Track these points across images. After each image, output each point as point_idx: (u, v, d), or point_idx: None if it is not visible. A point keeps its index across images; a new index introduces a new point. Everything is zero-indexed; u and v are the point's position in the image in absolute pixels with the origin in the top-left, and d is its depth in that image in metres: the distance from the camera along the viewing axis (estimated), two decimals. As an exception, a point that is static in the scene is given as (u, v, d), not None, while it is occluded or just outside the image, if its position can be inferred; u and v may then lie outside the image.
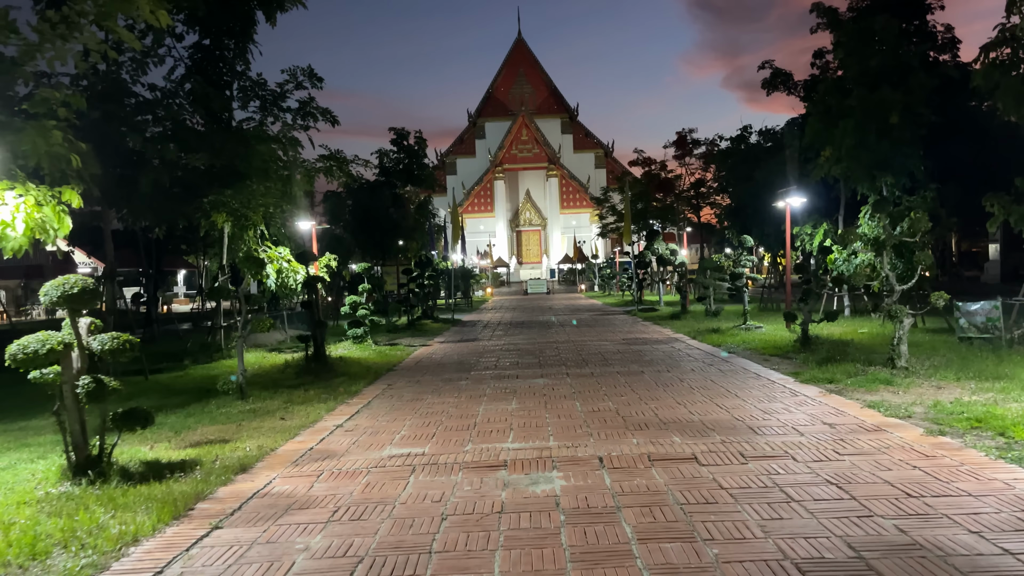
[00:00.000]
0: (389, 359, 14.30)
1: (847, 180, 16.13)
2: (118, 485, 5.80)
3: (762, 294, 25.12)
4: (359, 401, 9.68)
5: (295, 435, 7.72)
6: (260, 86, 16.50)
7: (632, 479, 5.60)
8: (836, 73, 33.04)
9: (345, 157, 17.43)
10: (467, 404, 9.12)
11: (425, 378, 11.59)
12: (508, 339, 17.80)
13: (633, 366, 11.97)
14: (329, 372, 12.22)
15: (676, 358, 12.81)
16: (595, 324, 21.37)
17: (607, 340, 16.47)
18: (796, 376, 10.14)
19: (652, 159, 34.84)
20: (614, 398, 9.08)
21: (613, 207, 44.53)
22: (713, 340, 15.19)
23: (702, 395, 9.05)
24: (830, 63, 32.57)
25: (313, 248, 16.59)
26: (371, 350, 15.83)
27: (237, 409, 9.22)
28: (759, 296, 25.84)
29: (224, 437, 7.71)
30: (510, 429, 7.53)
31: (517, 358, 13.76)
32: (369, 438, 7.45)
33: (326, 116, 16.75)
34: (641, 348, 14.59)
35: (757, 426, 7.22)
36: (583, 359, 13.15)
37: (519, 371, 11.94)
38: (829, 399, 8.47)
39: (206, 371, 13.42)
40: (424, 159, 25.14)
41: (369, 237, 23.34)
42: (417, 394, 10.06)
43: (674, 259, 24.41)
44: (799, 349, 12.79)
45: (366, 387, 10.86)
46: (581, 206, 73.63)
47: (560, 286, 62.43)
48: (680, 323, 19.62)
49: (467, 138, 79.64)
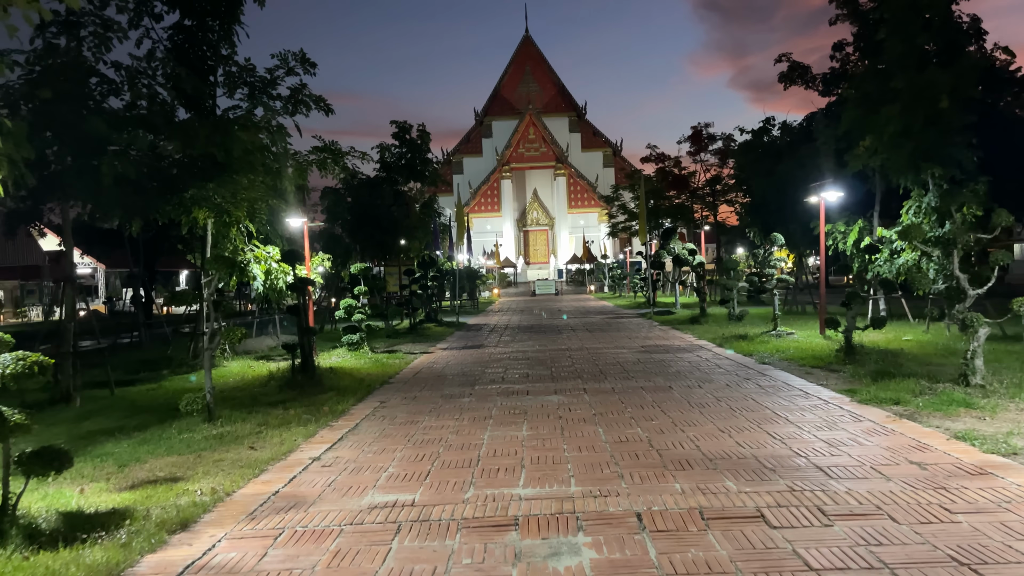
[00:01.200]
0: (385, 369, 12.96)
1: (887, 172, 14.70)
2: (15, 552, 4.47)
3: (785, 296, 23.65)
4: (345, 424, 8.34)
5: (261, 471, 6.38)
6: (248, 72, 15.17)
7: (684, 548, 4.24)
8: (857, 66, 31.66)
9: (340, 149, 16.11)
10: (470, 429, 7.77)
11: (423, 393, 10.24)
12: (516, 346, 16.44)
13: (658, 379, 10.59)
14: (316, 386, 10.88)
15: (705, 370, 11.43)
16: (609, 328, 20.00)
17: (624, 347, 15.09)
18: (852, 395, 8.75)
19: (666, 154, 33.38)
20: (643, 422, 7.71)
21: (623, 205, 43.08)
22: (742, 348, 13.79)
23: (747, 419, 7.68)
24: (850, 55, 31.29)
25: (305, 247, 15.27)
26: (367, 358, 14.51)
27: (202, 434, 7.89)
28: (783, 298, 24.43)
29: (175, 474, 6.38)
30: (521, 466, 6.18)
31: (527, 369, 12.41)
32: (349, 477, 6.10)
33: (319, 104, 15.42)
34: (663, 357, 13.21)
35: (827, 464, 5.85)
36: (600, 370, 11.79)
37: (529, 385, 10.58)
38: (902, 426, 7.08)
39: (184, 383, 12.11)
40: (427, 154, 23.79)
41: (369, 236, 22.01)
42: (412, 415, 8.72)
43: (692, 259, 23.01)
44: (843, 360, 11.39)
45: (355, 405, 9.52)
46: (589, 205, 72.23)
47: (568, 287, 61.04)
48: (701, 328, 18.23)
49: (474, 137, 78.43)
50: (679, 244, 25.67)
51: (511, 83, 79.29)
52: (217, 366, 13.83)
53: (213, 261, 8.19)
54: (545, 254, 75.63)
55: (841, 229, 17.32)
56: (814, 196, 15.48)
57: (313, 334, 12.12)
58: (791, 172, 21.29)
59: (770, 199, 22.26)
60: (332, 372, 12.02)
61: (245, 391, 10.85)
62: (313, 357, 11.84)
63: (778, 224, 22.10)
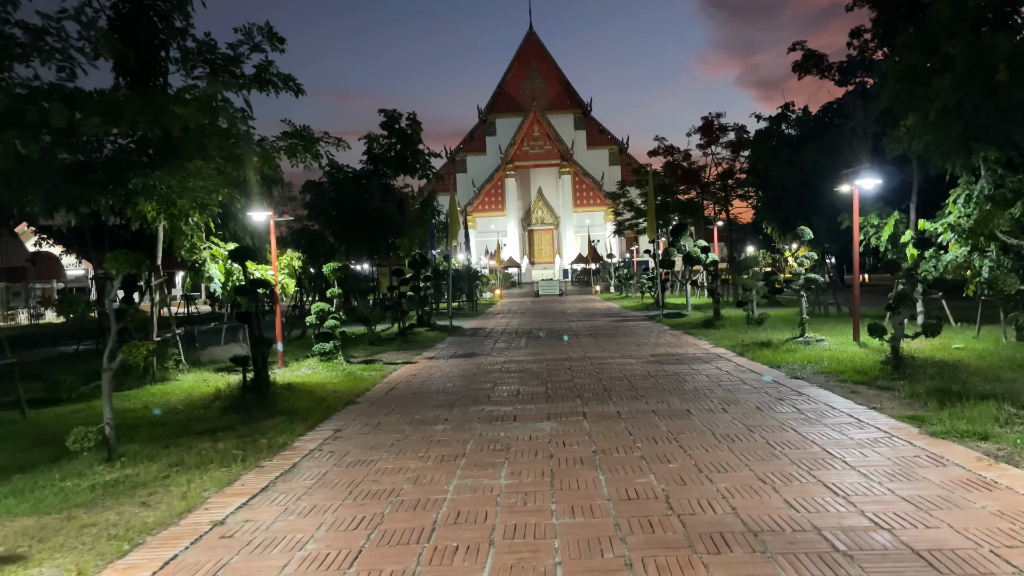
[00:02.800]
0: (357, 384, 11.22)
1: (929, 158, 12.89)
2: None
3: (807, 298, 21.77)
4: (279, 464, 6.60)
5: (134, 546, 4.65)
6: (208, 48, 13.49)
7: None
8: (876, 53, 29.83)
9: (313, 134, 14.36)
10: (433, 474, 6.02)
11: (390, 419, 8.50)
12: (511, 354, 14.69)
13: (673, 400, 8.82)
14: (266, 408, 9.16)
15: (728, 386, 9.65)
16: (615, 333, 18.22)
17: (632, 356, 13.32)
18: (919, 424, 6.97)
19: (675, 147, 31.54)
20: (657, 465, 5.96)
21: (630, 202, 41.30)
22: (768, 358, 12.00)
23: (792, 461, 5.91)
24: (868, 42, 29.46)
25: (272, 244, 13.55)
26: (340, 370, 12.78)
27: (91, 480, 6.15)
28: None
29: (18, 548, 4.66)
30: (489, 544, 4.43)
31: (519, 384, 10.65)
32: (247, 561, 4.36)
33: (288, 84, 13.73)
34: (677, 369, 11.44)
35: (925, 546, 4.08)
36: (604, 387, 10.02)
37: (519, 407, 8.83)
38: (1006, 475, 5.30)
39: (123, 401, 10.40)
40: (419, 144, 22.04)
41: (354, 234, 20.28)
42: (368, 450, 6.98)
43: (705, 257, 21.21)
44: (893, 375, 9.60)
45: (304, 435, 7.78)
46: (595, 204, 70.57)
47: (573, 287, 59.26)
48: (717, 333, 16.43)
49: (477, 135, 76.87)
50: (690, 241, 23.90)
51: (515, 80, 77.59)
52: (169, 380, 12.14)
53: (113, 259, 6.46)
54: (550, 254, 73.93)
55: (874, 222, 15.49)
56: (845, 185, 13.67)
57: (269, 345, 10.40)
58: (814, 161, 19.47)
59: (790, 191, 20.44)
60: (290, 390, 10.28)
61: (181, 415, 9.13)
62: (267, 372, 10.12)
63: (799, 218, 20.29)
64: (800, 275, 13.35)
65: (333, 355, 13.49)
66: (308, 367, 13.33)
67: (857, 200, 13.23)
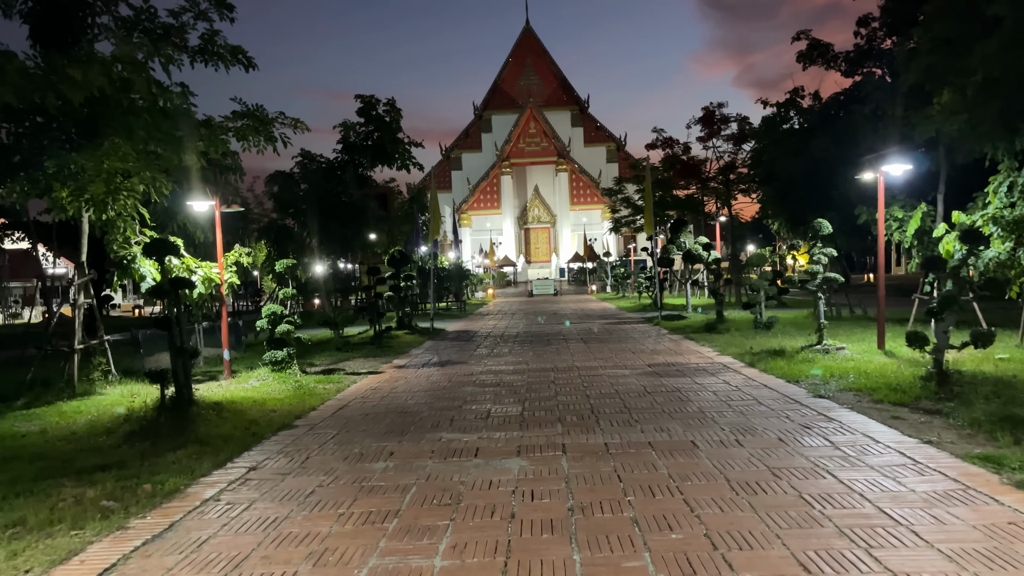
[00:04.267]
0: (303, 401, 9.58)
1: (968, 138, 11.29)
2: None
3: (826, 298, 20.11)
4: (153, 524, 4.97)
5: None
6: (147, 15, 11.87)
7: None
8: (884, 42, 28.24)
9: (267, 115, 12.71)
10: (348, 547, 4.39)
11: (324, 451, 6.87)
12: (491, 363, 13.06)
13: (674, 427, 7.20)
14: (181, 433, 7.53)
15: (740, 408, 8.03)
16: (609, 338, 16.59)
17: (627, 367, 11.70)
18: (997, 468, 5.34)
19: (674, 139, 29.82)
20: (654, 537, 4.33)
21: (627, 198, 39.65)
22: (783, 370, 10.37)
23: (840, 532, 4.28)
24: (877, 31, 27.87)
25: (217, 238, 11.90)
26: (292, 382, 11.14)
27: None
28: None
29: None
30: None
31: (491, 403, 9.02)
32: None
33: (236, 56, 12.13)
34: (678, 384, 9.81)
35: None
36: (592, 408, 8.40)
37: (485, 435, 7.20)
38: None
39: (22, 422, 8.76)
40: (398, 133, 20.36)
41: (322, 228, 18.61)
42: (278, 503, 5.34)
43: (707, 255, 19.59)
44: (937, 393, 7.98)
45: (206, 475, 6.14)
46: (592, 202, 69.05)
47: (569, 286, 57.66)
48: (722, 339, 14.80)
49: (473, 132, 75.32)
50: (690, 238, 22.29)
51: (511, 76, 75.94)
52: (92, 394, 10.50)
53: None
54: (547, 252, 72.31)
55: (898, 215, 13.87)
56: (867, 173, 12.05)
57: (193, 356, 8.77)
58: (825, 151, 17.84)
59: (798, 184, 18.81)
60: (218, 410, 8.62)
61: (74, 442, 7.49)
62: (190, 388, 8.49)
63: (808, 212, 18.66)
64: (817, 274, 11.71)
65: (287, 364, 11.85)
66: (257, 378, 11.69)
67: (883, 189, 11.59)
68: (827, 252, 11.92)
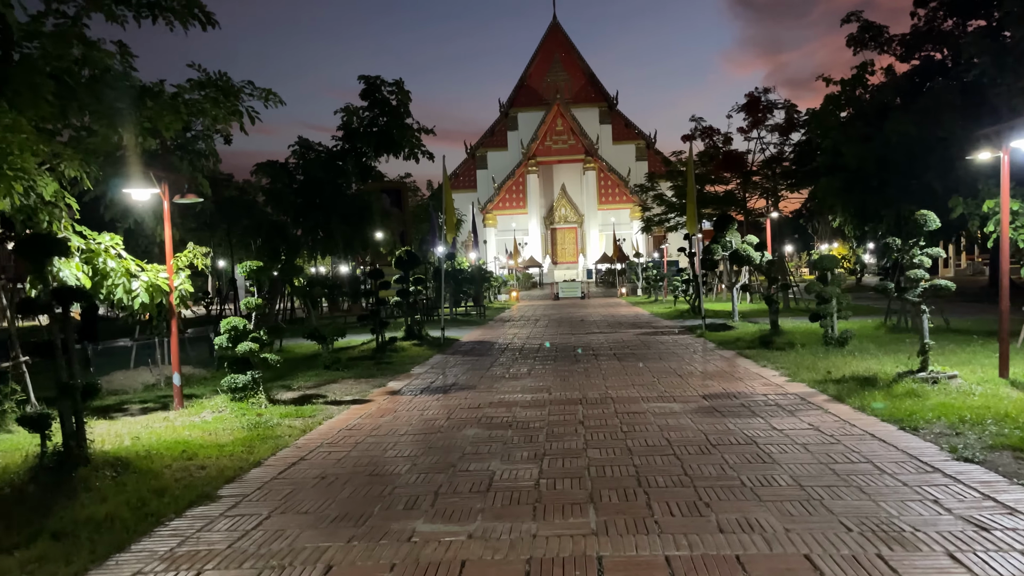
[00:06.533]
0: (250, 450, 7.22)
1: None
2: None
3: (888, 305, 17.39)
4: None
5: None
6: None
7: None
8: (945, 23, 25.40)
9: (233, 86, 10.40)
10: None
11: (230, 560, 4.49)
12: (505, 388, 10.63)
13: (768, 520, 4.72)
14: (47, 511, 5.21)
15: (855, 481, 5.50)
16: (647, 354, 14.07)
17: (675, 398, 9.21)
18: None
19: (714, 128, 27.13)
20: None
21: (660, 195, 36.97)
22: (889, 410, 7.78)
23: None
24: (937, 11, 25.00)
25: (166, 235, 9.60)
26: (252, 415, 8.82)
27: None
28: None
29: None
30: None
31: (498, 459, 6.59)
32: None
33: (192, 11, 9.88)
34: (751, 430, 7.30)
35: None
36: (638, 474, 5.92)
37: (481, 528, 4.77)
38: None
39: None
40: (407, 118, 18.02)
41: (314, 225, 16.33)
42: None
43: (759, 256, 16.99)
44: None
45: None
46: (621, 201, 66.38)
47: (597, 288, 55.03)
48: (786, 357, 12.21)
49: (498, 130, 73.09)
50: (736, 237, 19.67)
51: (538, 72, 73.52)
52: (0, 431, 8.27)
53: None
54: (573, 253, 69.76)
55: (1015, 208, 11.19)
56: (985, 151, 9.43)
57: (91, 394, 6.45)
58: (903, 133, 15.14)
59: (869, 173, 16.11)
60: (120, 469, 6.27)
61: None
62: (81, 439, 6.18)
63: (882, 205, 16.05)
64: (921, 280, 9.11)
65: (250, 392, 9.52)
66: (213, 409, 9.38)
67: (1007, 172, 8.96)
68: (933, 252, 9.32)
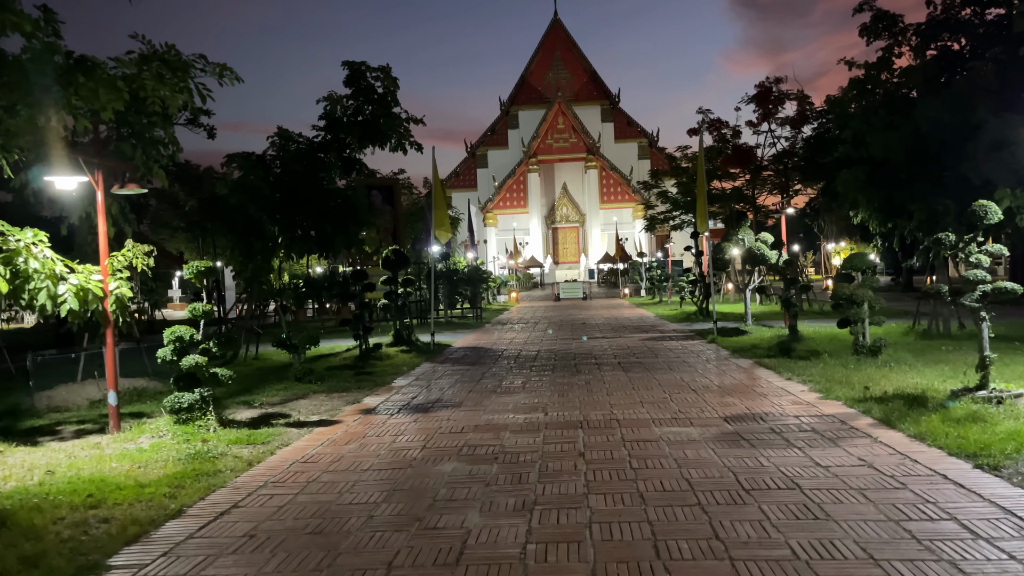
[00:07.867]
0: (176, 494, 5.88)
1: None
2: None
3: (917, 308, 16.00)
4: None
5: None
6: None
7: None
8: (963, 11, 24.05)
9: (185, 60, 9.06)
10: None
11: None
12: (495, 407, 9.29)
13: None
14: None
15: (945, 554, 4.17)
16: (655, 363, 12.74)
17: (693, 421, 7.86)
18: None
19: (722, 120, 25.81)
20: None
21: (664, 192, 35.65)
22: (953, 440, 6.41)
23: None
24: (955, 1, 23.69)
25: (100, 232, 8.29)
26: (196, 442, 7.49)
27: None
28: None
29: None
30: None
31: (476, 510, 5.26)
32: None
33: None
34: (788, 467, 5.95)
35: None
36: (654, 535, 4.59)
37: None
38: None
39: None
40: (394, 107, 16.71)
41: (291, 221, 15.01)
42: None
43: (777, 256, 15.65)
44: None
45: None
46: (623, 200, 65.12)
47: (600, 289, 53.71)
48: (812, 368, 10.85)
49: (499, 128, 71.93)
50: (750, 235, 18.34)
51: (539, 70, 72.26)
52: None
53: None
54: (575, 253, 68.49)
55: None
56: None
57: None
58: (935, 121, 13.80)
59: (897, 163, 14.76)
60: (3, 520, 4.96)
61: None
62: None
63: (911, 199, 14.72)
64: (981, 282, 7.76)
65: (198, 413, 8.19)
66: (153, 433, 8.07)
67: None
68: (995, 250, 7.97)
